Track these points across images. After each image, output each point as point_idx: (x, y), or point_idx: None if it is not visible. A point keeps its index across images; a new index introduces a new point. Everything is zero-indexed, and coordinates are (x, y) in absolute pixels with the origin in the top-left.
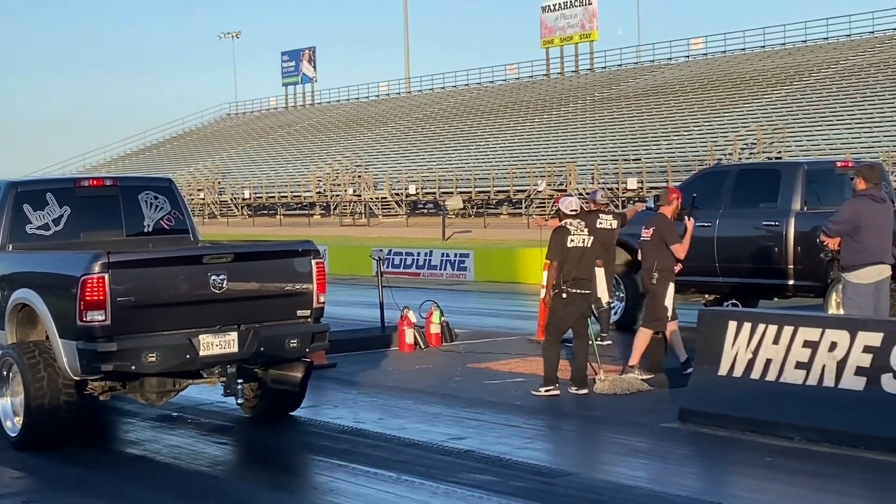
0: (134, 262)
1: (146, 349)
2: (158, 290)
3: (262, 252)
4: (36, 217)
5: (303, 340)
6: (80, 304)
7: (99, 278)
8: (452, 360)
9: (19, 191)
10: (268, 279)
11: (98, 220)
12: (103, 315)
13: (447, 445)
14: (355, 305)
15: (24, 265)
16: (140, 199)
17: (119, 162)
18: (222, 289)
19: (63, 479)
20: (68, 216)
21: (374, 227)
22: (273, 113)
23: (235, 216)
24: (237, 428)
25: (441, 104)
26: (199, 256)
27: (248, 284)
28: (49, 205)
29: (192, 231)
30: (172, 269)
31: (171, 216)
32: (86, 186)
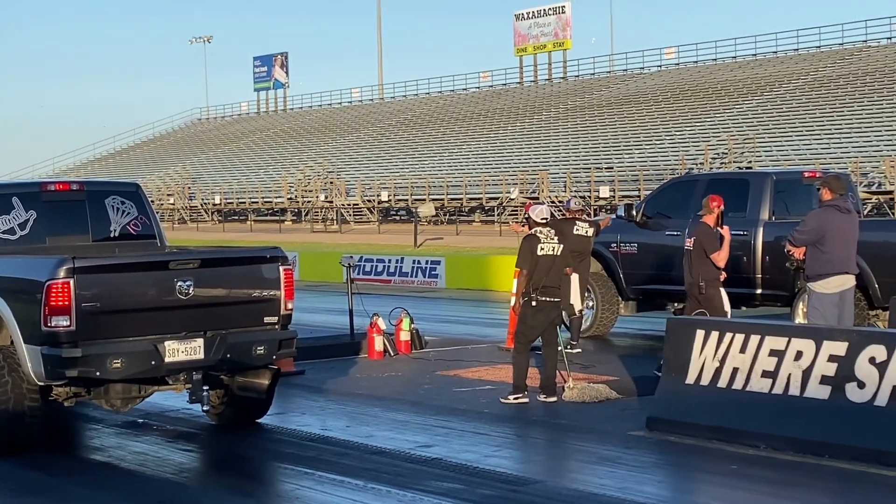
0: (99, 267)
1: (111, 355)
2: (124, 295)
3: (229, 258)
4: (1, 221)
5: (270, 347)
6: (45, 310)
7: (64, 283)
8: (422, 367)
9: None
10: (235, 285)
11: (64, 225)
12: (68, 321)
13: (415, 453)
14: (325, 312)
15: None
16: (107, 203)
17: (88, 166)
18: (188, 295)
19: (26, 485)
20: (34, 220)
21: (345, 234)
22: (245, 118)
23: (206, 221)
24: (203, 435)
25: (414, 111)
26: (165, 262)
27: (215, 290)
28: (15, 209)
29: (160, 236)
30: (138, 275)
31: (138, 221)
32: (52, 191)
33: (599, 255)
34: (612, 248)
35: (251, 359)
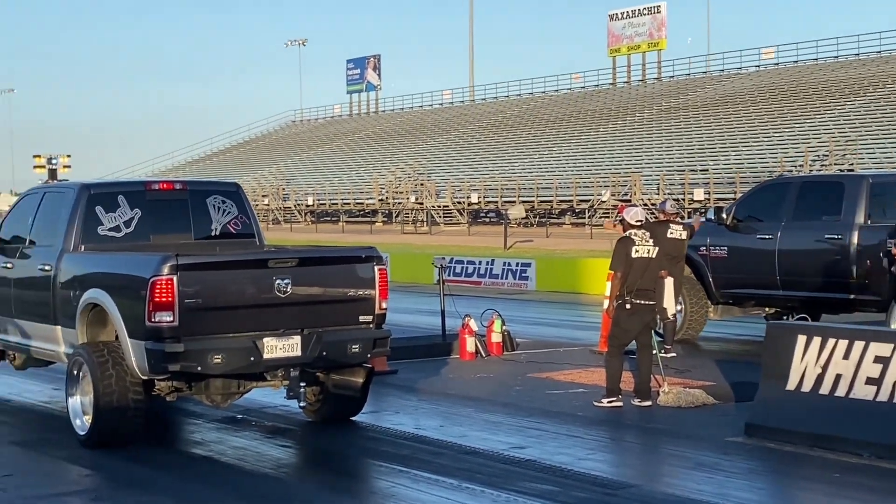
0: (202, 264)
1: (212, 351)
2: (225, 292)
3: (326, 257)
4: (108, 219)
5: (364, 346)
6: (149, 305)
7: (168, 280)
8: (513, 369)
9: (92, 193)
10: (331, 284)
11: (167, 223)
12: (171, 316)
13: (508, 454)
14: (416, 313)
15: (96, 266)
16: (208, 203)
17: (186, 167)
18: (286, 293)
19: (130, 478)
20: (139, 218)
21: (435, 236)
22: (337, 120)
23: (299, 222)
24: (300, 431)
25: (505, 112)
26: (264, 261)
27: (312, 289)
28: (120, 207)
29: (258, 235)
30: (239, 273)
31: (238, 220)
32: (156, 190)
33: (688, 258)
34: (702, 251)
35: (346, 357)
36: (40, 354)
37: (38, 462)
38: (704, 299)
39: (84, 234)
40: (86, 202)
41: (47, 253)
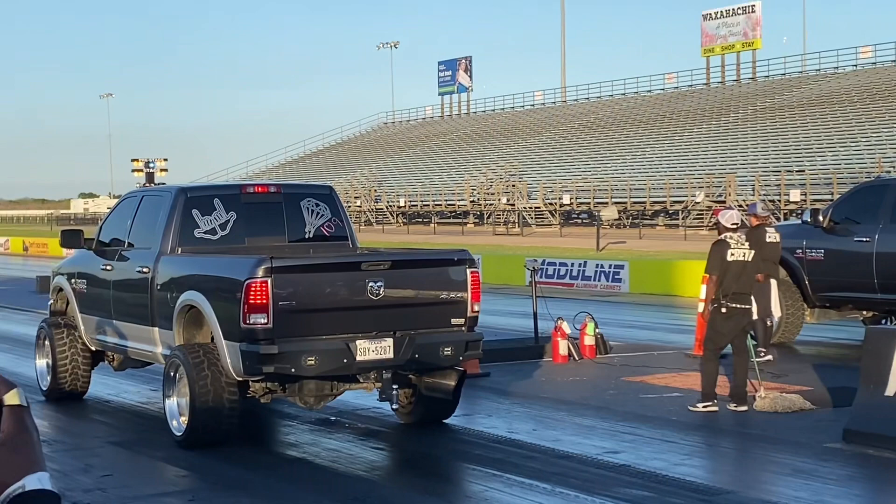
0: (296, 267)
1: (305, 353)
2: (318, 295)
3: (418, 260)
4: (204, 222)
5: (457, 349)
6: (244, 307)
7: (262, 282)
8: (607, 372)
9: (188, 196)
10: (424, 287)
11: (262, 226)
12: (266, 318)
13: (602, 459)
14: (509, 315)
15: (192, 268)
16: (302, 205)
17: (279, 169)
18: (379, 295)
19: (225, 479)
20: (234, 221)
21: (527, 237)
22: (429, 122)
23: (390, 224)
24: (393, 433)
25: (597, 113)
26: (357, 263)
27: (405, 292)
28: (216, 210)
29: (351, 238)
30: (332, 276)
31: (332, 223)
32: (251, 193)
33: (784, 261)
34: (798, 253)
35: (438, 359)
36: (137, 355)
37: (136, 462)
38: (800, 302)
39: (181, 236)
40: (182, 205)
41: (145, 255)
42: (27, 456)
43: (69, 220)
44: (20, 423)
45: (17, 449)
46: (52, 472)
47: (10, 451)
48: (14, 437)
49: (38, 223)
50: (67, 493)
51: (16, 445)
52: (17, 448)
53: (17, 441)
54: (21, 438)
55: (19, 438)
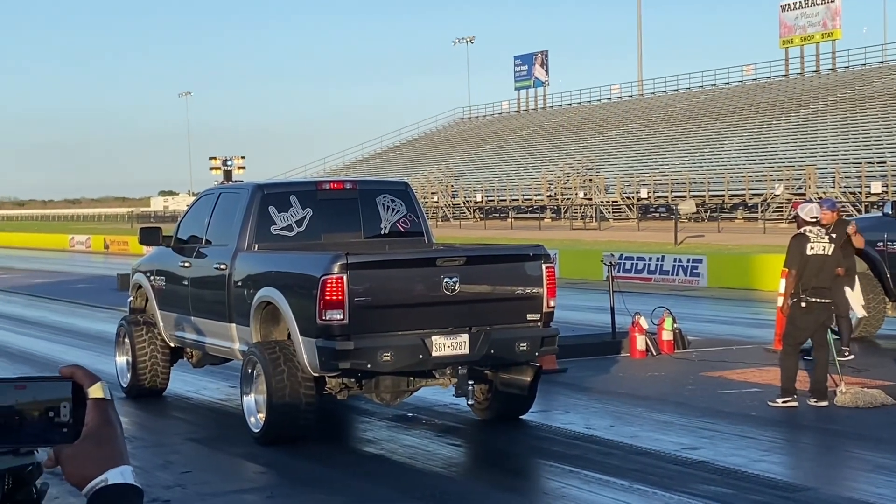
0: (371, 263)
1: (381, 348)
2: (394, 291)
3: (494, 255)
4: (280, 218)
5: (532, 344)
6: (320, 304)
7: (338, 279)
8: (685, 367)
9: (265, 193)
10: (499, 282)
11: (338, 222)
12: (342, 314)
13: (680, 455)
14: (586, 310)
15: (269, 265)
16: (377, 201)
17: (357, 166)
18: (455, 291)
19: (303, 476)
20: (310, 218)
21: (604, 231)
22: (505, 117)
23: (467, 219)
24: (469, 430)
25: (675, 106)
26: (433, 259)
27: (480, 287)
28: (292, 207)
29: (427, 234)
30: (407, 271)
31: (407, 219)
32: (327, 189)
33: (865, 254)
34: (879, 246)
35: (514, 355)
36: (215, 352)
37: (216, 459)
38: (882, 296)
39: (257, 233)
40: (259, 202)
41: (222, 252)
42: (110, 450)
43: (149, 218)
44: (104, 417)
45: (101, 442)
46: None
47: (94, 444)
48: (98, 430)
49: (119, 221)
50: (147, 489)
51: (99, 439)
52: (100, 441)
53: (101, 435)
54: (105, 432)
55: (103, 432)
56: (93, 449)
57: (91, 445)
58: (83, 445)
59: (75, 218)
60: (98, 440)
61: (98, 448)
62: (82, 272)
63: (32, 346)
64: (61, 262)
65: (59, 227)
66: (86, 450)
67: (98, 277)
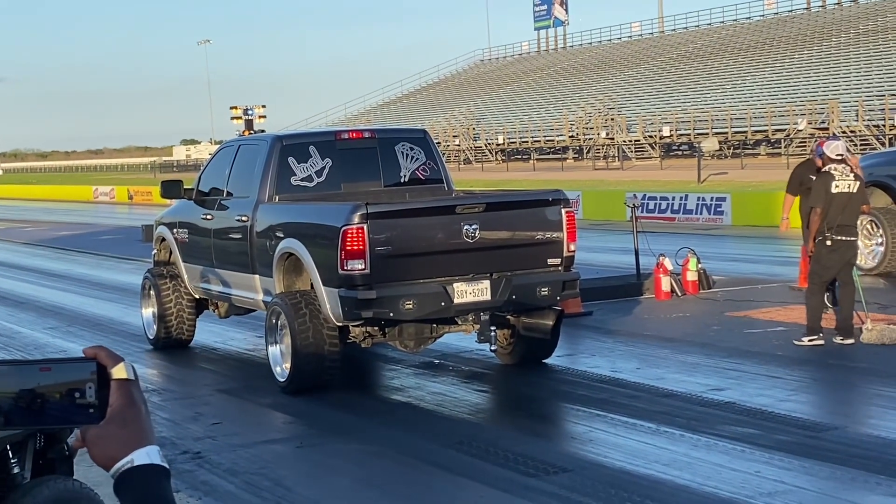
0: (391, 212)
1: (403, 297)
2: (414, 239)
3: (513, 202)
4: (300, 169)
5: (553, 288)
6: (342, 254)
7: (358, 229)
8: (710, 308)
9: (284, 144)
10: (519, 228)
11: (357, 172)
12: (363, 264)
13: (707, 396)
14: (609, 252)
15: (290, 216)
16: (396, 150)
17: (377, 111)
18: (475, 238)
19: (332, 425)
20: (329, 168)
21: (627, 171)
22: (525, 58)
23: (490, 162)
24: (494, 375)
25: (695, 43)
26: (452, 207)
27: (500, 234)
28: (312, 157)
29: (447, 181)
30: (427, 220)
31: (426, 167)
32: (346, 139)
33: (890, 188)
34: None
35: (535, 300)
36: (240, 302)
37: (244, 409)
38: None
39: (278, 184)
40: (279, 153)
41: (244, 204)
42: (136, 430)
43: (172, 168)
44: (128, 397)
45: (126, 423)
46: (163, 421)
47: (119, 425)
48: (122, 411)
49: (142, 171)
50: (178, 441)
51: (124, 420)
52: (125, 422)
53: (126, 415)
54: (130, 412)
55: (128, 412)
56: (118, 430)
57: (116, 426)
58: (108, 427)
59: (98, 168)
60: (123, 421)
61: (123, 429)
62: (107, 223)
63: (61, 300)
64: (86, 213)
65: (83, 179)
66: (111, 431)
67: (123, 228)
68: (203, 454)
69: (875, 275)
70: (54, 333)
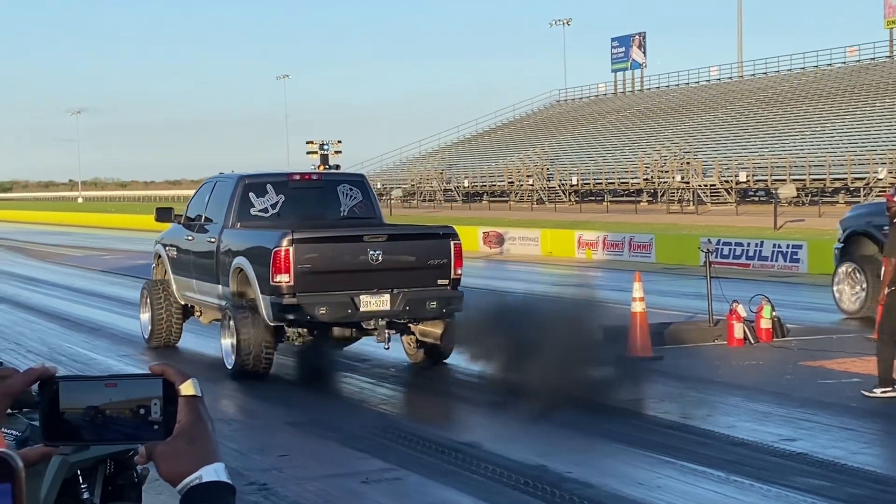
0: (312, 238)
1: (319, 304)
2: (330, 260)
3: (410, 234)
4: (258, 202)
5: (440, 303)
6: (272, 269)
7: (286, 251)
8: (784, 356)
9: (246, 182)
10: (414, 254)
11: (304, 206)
12: (289, 277)
13: (778, 446)
14: (682, 296)
15: (242, 239)
16: (338, 190)
17: (452, 149)
18: (378, 261)
19: (399, 459)
20: (282, 203)
21: (702, 215)
22: (602, 99)
23: (563, 202)
24: (568, 418)
25: (775, 88)
26: (360, 236)
27: (399, 258)
28: (268, 193)
29: (378, 216)
30: (341, 245)
31: (362, 204)
32: (297, 180)
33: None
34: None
35: (425, 312)
36: (208, 307)
37: (311, 443)
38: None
39: (239, 214)
40: (242, 189)
41: (215, 228)
42: (204, 447)
43: None
44: (196, 414)
45: (194, 440)
46: (231, 451)
47: (187, 442)
48: (190, 427)
49: None
50: (245, 472)
51: (192, 436)
52: (193, 439)
53: (194, 432)
54: (197, 429)
55: (195, 429)
56: (186, 446)
57: (184, 443)
58: (177, 443)
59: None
60: (191, 437)
61: (191, 445)
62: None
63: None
64: None
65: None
66: (179, 447)
67: None
68: (269, 486)
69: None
70: (128, 361)
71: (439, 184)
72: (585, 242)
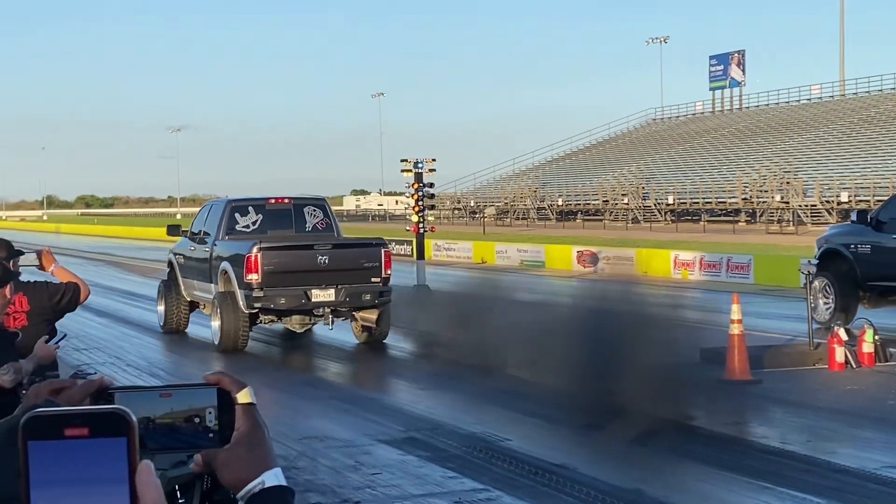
0: (275, 247)
1: (279, 296)
2: (289, 263)
3: (349, 244)
4: (242, 220)
5: (373, 295)
6: (245, 270)
7: (256, 256)
8: (886, 381)
9: (233, 205)
10: (353, 259)
11: (278, 224)
12: (257, 276)
13: (881, 474)
14: (782, 319)
15: (227, 248)
16: (304, 210)
17: (545, 167)
18: (325, 264)
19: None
20: (260, 221)
21: (801, 236)
22: (699, 118)
23: (658, 221)
24: (673, 435)
25: (878, 107)
26: (311, 245)
27: (342, 262)
28: (250, 213)
29: (336, 231)
30: (297, 252)
31: (323, 222)
32: (273, 203)
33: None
34: None
35: (361, 302)
36: (206, 302)
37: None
38: None
39: (227, 229)
40: (229, 210)
41: (209, 240)
42: (263, 453)
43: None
44: (253, 421)
45: (253, 446)
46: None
47: (247, 448)
48: (249, 434)
49: None
50: (338, 489)
51: (251, 443)
52: (252, 445)
53: (253, 439)
54: (255, 436)
55: (254, 436)
56: (246, 453)
57: (244, 450)
58: (236, 450)
59: None
60: (250, 444)
61: (251, 452)
62: None
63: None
64: None
65: None
66: (239, 454)
67: None
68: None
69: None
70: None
71: (533, 202)
72: (682, 262)
